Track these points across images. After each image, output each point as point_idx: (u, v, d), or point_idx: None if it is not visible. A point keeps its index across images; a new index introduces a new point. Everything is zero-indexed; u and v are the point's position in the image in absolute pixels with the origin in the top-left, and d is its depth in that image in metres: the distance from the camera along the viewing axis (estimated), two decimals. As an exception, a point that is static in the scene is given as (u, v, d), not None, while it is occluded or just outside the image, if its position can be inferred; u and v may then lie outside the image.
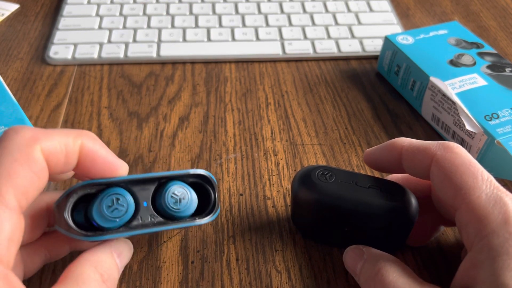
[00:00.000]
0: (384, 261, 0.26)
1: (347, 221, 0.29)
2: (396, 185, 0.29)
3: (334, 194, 0.29)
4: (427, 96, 0.41)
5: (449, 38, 0.44)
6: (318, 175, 0.29)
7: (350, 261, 0.29)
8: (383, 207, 0.28)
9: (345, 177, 0.29)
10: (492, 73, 0.40)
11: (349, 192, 0.28)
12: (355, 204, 0.28)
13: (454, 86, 0.39)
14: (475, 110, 0.37)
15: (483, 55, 0.42)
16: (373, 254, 0.28)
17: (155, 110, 0.43)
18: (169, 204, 0.27)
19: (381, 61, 0.47)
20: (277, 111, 0.43)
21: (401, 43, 0.44)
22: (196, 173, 0.28)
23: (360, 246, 0.29)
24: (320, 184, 0.29)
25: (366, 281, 0.27)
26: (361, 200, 0.28)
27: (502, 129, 0.35)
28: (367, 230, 0.29)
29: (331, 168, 0.30)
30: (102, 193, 0.25)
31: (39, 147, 0.22)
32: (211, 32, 0.51)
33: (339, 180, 0.29)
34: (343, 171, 0.30)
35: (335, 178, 0.29)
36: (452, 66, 0.41)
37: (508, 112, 0.37)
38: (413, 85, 0.42)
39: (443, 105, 0.39)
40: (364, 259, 0.28)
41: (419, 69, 0.41)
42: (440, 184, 0.26)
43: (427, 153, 0.27)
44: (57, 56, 0.47)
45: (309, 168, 0.30)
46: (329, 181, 0.29)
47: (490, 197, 0.24)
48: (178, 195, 0.27)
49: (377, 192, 0.28)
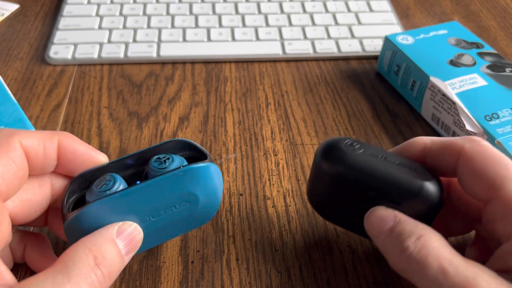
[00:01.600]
0: (425, 228, 0.24)
1: (373, 195, 0.27)
2: (425, 167, 0.28)
3: (363, 165, 0.27)
4: (427, 96, 0.41)
5: (449, 38, 0.44)
6: (347, 144, 0.27)
7: (377, 218, 0.26)
8: (414, 184, 0.26)
9: (374, 151, 0.27)
10: (492, 73, 0.40)
11: (378, 165, 0.27)
12: (384, 178, 0.26)
13: (454, 86, 0.39)
14: (475, 110, 0.37)
15: (483, 55, 0.42)
16: (409, 219, 0.25)
17: (155, 110, 0.43)
18: (153, 166, 0.27)
19: (381, 61, 0.47)
20: (277, 111, 0.43)
21: (401, 43, 0.44)
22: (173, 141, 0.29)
23: (390, 209, 0.26)
24: (349, 153, 0.27)
25: (395, 246, 0.24)
26: (391, 174, 0.26)
27: (502, 129, 0.35)
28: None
29: (360, 141, 0.28)
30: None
31: (18, 139, 0.24)
32: (211, 32, 0.51)
33: (368, 152, 0.27)
34: (372, 146, 0.28)
35: (364, 150, 0.27)
36: (452, 66, 0.41)
37: (508, 112, 0.37)
38: (413, 85, 0.42)
39: (443, 105, 0.39)
40: (397, 221, 0.25)
41: (419, 69, 0.41)
42: (469, 178, 0.25)
43: (454, 147, 0.26)
44: (57, 56, 0.47)
45: (337, 138, 0.28)
46: (358, 151, 0.27)
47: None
48: (161, 158, 0.27)
49: (406, 170, 0.27)
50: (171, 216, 0.28)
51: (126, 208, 0.26)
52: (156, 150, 0.28)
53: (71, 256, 0.22)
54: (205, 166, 0.27)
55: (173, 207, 0.28)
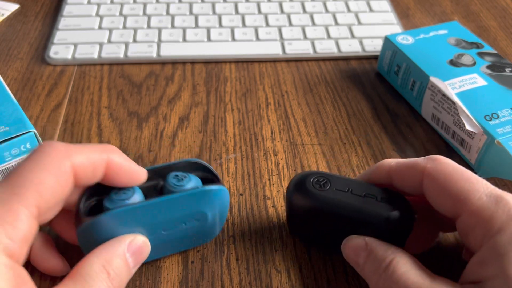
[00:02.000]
0: (394, 252, 0.26)
1: (343, 229, 0.29)
2: (393, 193, 0.29)
3: (328, 203, 0.28)
4: (427, 96, 0.41)
5: (449, 38, 0.44)
6: (313, 182, 0.29)
7: (350, 251, 0.28)
8: (378, 216, 0.27)
9: (341, 185, 0.29)
10: (492, 73, 0.40)
11: (343, 201, 0.28)
12: (350, 213, 0.28)
13: (454, 86, 0.39)
14: (475, 110, 0.37)
15: (483, 55, 0.42)
16: (379, 244, 0.27)
17: (155, 110, 0.43)
18: (171, 182, 0.28)
19: (381, 61, 0.47)
20: (277, 111, 0.43)
21: (401, 43, 0.44)
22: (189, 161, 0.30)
23: (361, 236, 0.28)
24: (314, 192, 0.28)
25: (372, 273, 0.26)
26: (356, 209, 0.28)
27: (502, 129, 0.35)
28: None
29: (327, 175, 0.30)
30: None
31: (70, 162, 0.24)
32: (211, 32, 0.51)
33: (334, 188, 0.29)
34: (339, 178, 0.29)
35: (330, 185, 0.29)
36: (452, 66, 0.41)
37: (508, 112, 0.37)
38: (413, 85, 0.42)
39: (443, 105, 0.39)
40: (369, 250, 0.27)
41: (419, 69, 0.41)
42: (435, 196, 0.26)
43: (417, 168, 0.27)
44: (57, 56, 0.47)
45: (304, 175, 0.30)
46: (324, 189, 0.29)
47: (491, 197, 0.24)
48: (179, 175, 0.28)
49: (372, 201, 0.28)
50: (180, 232, 0.29)
51: (141, 219, 0.27)
52: (173, 167, 0.30)
53: (87, 270, 0.24)
54: (219, 189, 0.29)
55: (183, 223, 0.29)
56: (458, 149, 0.39)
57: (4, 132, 0.34)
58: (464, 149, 0.38)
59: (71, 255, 0.30)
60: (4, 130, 0.34)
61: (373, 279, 0.26)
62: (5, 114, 0.35)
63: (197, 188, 0.28)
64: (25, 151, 0.35)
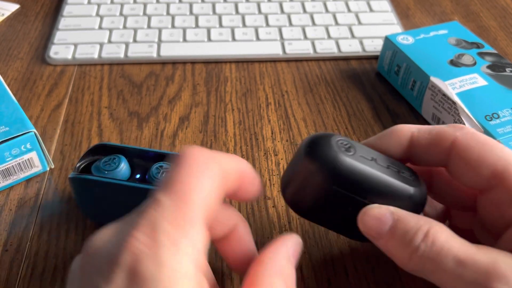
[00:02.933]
0: (428, 221, 0.23)
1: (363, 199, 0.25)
2: (408, 169, 0.27)
3: (356, 170, 0.25)
4: (427, 96, 0.41)
5: (449, 38, 0.44)
6: (339, 144, 0.25)
7: (372, 221, 0.24)
8: (403, 191, 0.25)
9: (365, 153, 0.26)
10: (492, 73, 0.40)
11: (369, 169, 0.25)
12: (377, 185, 0.25)
13: (454, 86, 0.39)
14: (475, 110, 0.37)
15: (483, 55, 0.42)
16: (407, 214, 0.24)
17: (155, 110, 0.43)
18: (153, 173, 0.30)
19: (381, 61, 0.47)
20: (277, 111, 0.43)
21: (401, 43, 0.44)
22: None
23: (383, 205, 0.24)
24: (341, 154, 0.25)
25: (402, 246, 0.23)
26: (383, 181, 0.25)
27: (503, 129, 0.35)
28: None
29: (349, 141, 0.26)
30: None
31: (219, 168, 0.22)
32: (211, 32, 0.51)
33: (360, 154, 0.25)
34: (361, 146, 0.26)
35: (356, 151, 0.25)
36: (452, 66, 0.41)
37: (508, 112, 0.37)
38: (413, 85, 0.42)
39: (443, 105, 0.39)
40: (395, 219, 0.24)
41: (419, 69, 0.41)
42: (466, 167, 0.24)
43: (446, 137, 0.25)
44: (57, 56, 0.47)
45: (326, 134, 0.26)
46: (350, 154, 0.25)
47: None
48: (163, 167, 0.30)
49: (396, 175, 0.26)
50: None
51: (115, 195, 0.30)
52: (168, 156, 0.31)
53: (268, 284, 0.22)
54: None
55: None
56: None
57: (4, 132, 0.34)
58: None
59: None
60: (4, 130, 0.34)
61: (404, 253, 0.23)
62: (5, 114, 0.35)
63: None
64: (25, 151, 0.35)
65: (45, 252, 0.32)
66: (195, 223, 0.20)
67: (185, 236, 0.19)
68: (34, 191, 0.36)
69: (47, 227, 0.33)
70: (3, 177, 0.35)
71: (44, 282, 0.30)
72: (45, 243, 0.32)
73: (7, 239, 0.33)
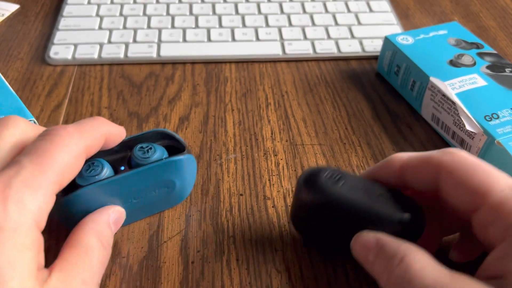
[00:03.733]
0: (408, 248, 0.24)
1: (353, 228, 0.28)
2: (405, 196, 0.28)
3: (341, 199, 0.27)
4: (427, 96, 0.41)
5: (449, 39, 0.44)
6: (327, 177, 0.28)
7: (360, 247, 0.26)
8: (391, 217, 0.27)
9: (354, 183, 0.28)
10: (492, 73, 0.40)
11: (357, 198, 0.27)
12: (362, 211, 0.27)
13: (454, 86, 0.39)
14: (475, 110, 0.37)
15: (483, 56, 0.42)
16: (391, 240, 0.25)
17: (155, 110, 0.43)
18: (137, 155, 0.30)
19: (381, 61, 0.47)
20: (277, 111, 0.43)
21: (401, 43, 0.44)
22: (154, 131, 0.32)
23: (372, 232, 0.26)
24: (328, 187, 0.27)
25: (383, 270, 0.24)
26: (369, 208, 0.27)
27: (502, 129, 0.35)
28: None
29: (340, 171, 0.29)
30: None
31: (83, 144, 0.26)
32: (211, 32, 0.51)
33: (348, 184, 0.28)
34: (352, 176, 0.28)
35: (344, 182, 0.28)
36: (452, 67, 0.41)
37: (508, 112, 0.37)
38: (413, 85, 0.42)
39: (443, 105, 0.39)
40: (380, 245, 0.25)
41: (419, 69, 0.41)
42: (453, 190, 0.25)
43: (432, 162, 0.26)
44: (57, 56, 0.47)
45: (318, 169, 0.29)
46: (337, 185, 0.27)
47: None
48: (144, 147, 0.30)
49: (386, 201, 0.27)
50: (151, 199, 0.32)
51: (112, 192, 0.30)
52: (139, 138, 0.32)
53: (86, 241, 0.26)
54: (184, 158, 0.31)
55: (153, 191, 0.31)
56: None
57: None
58: (464, 149, 0.38)
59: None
60: None
61: (383, 277, 0.24)
62: (5, 104, 0.36)
63: (162, 159, 0.30)
64: None
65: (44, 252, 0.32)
66: (45, 187, 0.23)
67: (33, 196, 0.23)
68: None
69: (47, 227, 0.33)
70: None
71: (44, 282, 0.30)
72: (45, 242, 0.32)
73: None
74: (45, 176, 0.23)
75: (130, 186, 0.30)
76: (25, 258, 0.22)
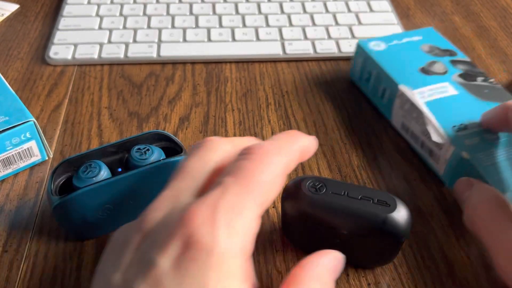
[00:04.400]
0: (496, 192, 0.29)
1: (338, 233, 0.28)
2: (389, 196, 0.28)
3: (323, 206, 0.28)
4: (397, 105, 0.39)
5: (423, 45, 0.43)
6: (309, 186, 0.29)
7: (459, 187, 0.31)
8: (375, 217, 0.27)
9: (337, 188, 0.29)
10: (464, 82, 0.39)
11: (340, 204, 0.28)
12: (346, 216, 0.28)
13: (423, 95, 0.38)
14: (443, 120, 0.36)
15: (456, 63, 0.41)
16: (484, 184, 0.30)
17: (155, 110, 0.43)
18: (135, 156, 0.30)
19: (354, 68, 0.45)
20: (277, 111, 0.43)
21: (372, 49, 0.43)
22: (152, 132, 0.32)
23: (471, 179, 0.31)
24: (309, 196, 0.28)
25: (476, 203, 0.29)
26: (352, 211, 0.28)
27: (470, 141, 0.34)
28: (358, 242, 0.28)
29: (322, 179, 0.29)
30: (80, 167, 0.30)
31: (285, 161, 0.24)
32: (211, 32, 0.51)
33: (330, 191, 0.28)
34: (335, 182, 0.29)
35: (326, 189, 0.28)
36: (423, 74, 0.40)
37: (476, 123, 0.35)
38: (383, 93, 0.41)
39: (411, 114, 0.38)
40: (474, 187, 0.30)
41: (389, 77, 0.40)
42: None
43: None
44: (57, 56, 0.47)
45: (299, 179, 0.29)
46: (319, 193, 0.28)
47: None
48: (141, 148, 0.31)
49: (369, 203, 0.28)
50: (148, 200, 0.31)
51: (110, 194, 0.30)
52: (136, 140, 0.32)
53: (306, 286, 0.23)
54: (181, 159, 0.30)
55: (151, 193, 0.31)
56: (427, 159, 0.37)
57: (4, 121, 0.34)
58: (432, 159, 0.37)
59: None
60: (4, 120, 0.34)
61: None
62: (5, 104, 0.36)
63: (159, 161, 0.30)
64: (25, 140, 0.35)
65: (44, 253, 0.32)
66: (252, 210, 0.21)
67: (241, 221, 0.21)
68: (33, 192, 0.36)
69: (46, 228, 0.33)
70: (4, 166, 0.35)
71: (44, 283, 0.30)
72: (45, 244, 0.32)
73: (6, 240, 0.32)
74: (251, 197, 0.22)
75: (128, 187, 0.30)
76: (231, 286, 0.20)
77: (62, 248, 0.32)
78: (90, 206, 0.30)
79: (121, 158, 0.31)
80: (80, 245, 0.32)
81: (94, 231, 0.32)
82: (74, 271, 0.31)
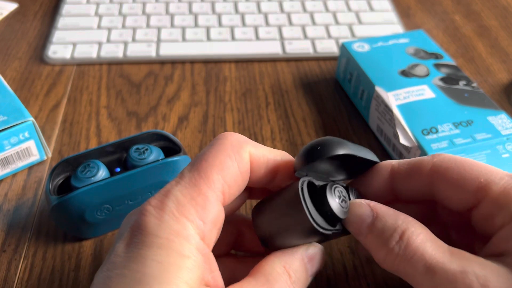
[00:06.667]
0: (406, 221, 0.23)
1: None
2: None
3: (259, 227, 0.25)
4: (373, 106, 0.39)
5: (408, 48, 0.43)
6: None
7: (354, 217, 0.24)
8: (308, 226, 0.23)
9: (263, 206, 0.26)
10: (444, 86, 0.39)
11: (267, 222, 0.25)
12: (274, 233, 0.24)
13: (398, 97, 0.37)
14: (414, 123, 0.35)
15: (439, 67, 0.41)
16: (387, 210, 0.23)
17: (154, 110, 0.42)
18: (133, 156, 0.30)
19: (338, 68, 0.45)
20: (277, 110, 0.43)
21: (355, 50, 0.42)
22: (150, 132, 0.32)
23: (367, 201, 0.24)
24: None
25: (379, 245, 0.23)
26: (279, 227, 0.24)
27: (438, 145, 0.34)
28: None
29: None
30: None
31: (248, 150, 0.24)
32: (210, 31, 0.51)
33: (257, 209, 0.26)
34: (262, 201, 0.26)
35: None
36: (403, 77, 0.39)
37: (448, 127, 0.35)
38: (362, 94, 0.41)
39: (385, 116, 0.38)
40: (374, 217, 0.23)
41: (367, 78, 0.40)
42: (450, 190, 0.25)
43: (423, 164, 0.25)
44: (55, 56, 0.47)
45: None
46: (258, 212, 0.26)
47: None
48: (140, 148, 0.31)
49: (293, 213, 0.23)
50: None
51: (108, 194, 0.30)
52: (134, 139, 0.32)
53: (269, 270, 0.23)
54: (180, 159, 0.31)
55: (149, 192, 0.31)
56: None
57: (2, 121, 0.34)
58: None
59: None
60: (3, 119, 0.34)
61: (380, 252, 0.23)
62: (3, 104, 0.36)
63: (158, 160, 0.30)
64: (23, 139, 0.35)
65: (43, 253, 0.32)
66: (209, 199, 0.22)
67: (195, 208, 0.21)
68: (32, 192, 0.35)
69: (45, 227, 0.33)
70: (2, 166, 0.35)
71: (42, 283, 0.30)
72: (43, 244, 0.32)
73: (4, 239, 0.32)
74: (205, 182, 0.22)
75: (126, 187, 0.30)
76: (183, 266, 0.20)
77: (61, 248, 0.32)
78: (88, 206, 0.30)
79: (120, 158, 0.31)
80: (78, 245, 0.32)
81: (93, 231, 0.32)
82: (72, 271, 0.31)
